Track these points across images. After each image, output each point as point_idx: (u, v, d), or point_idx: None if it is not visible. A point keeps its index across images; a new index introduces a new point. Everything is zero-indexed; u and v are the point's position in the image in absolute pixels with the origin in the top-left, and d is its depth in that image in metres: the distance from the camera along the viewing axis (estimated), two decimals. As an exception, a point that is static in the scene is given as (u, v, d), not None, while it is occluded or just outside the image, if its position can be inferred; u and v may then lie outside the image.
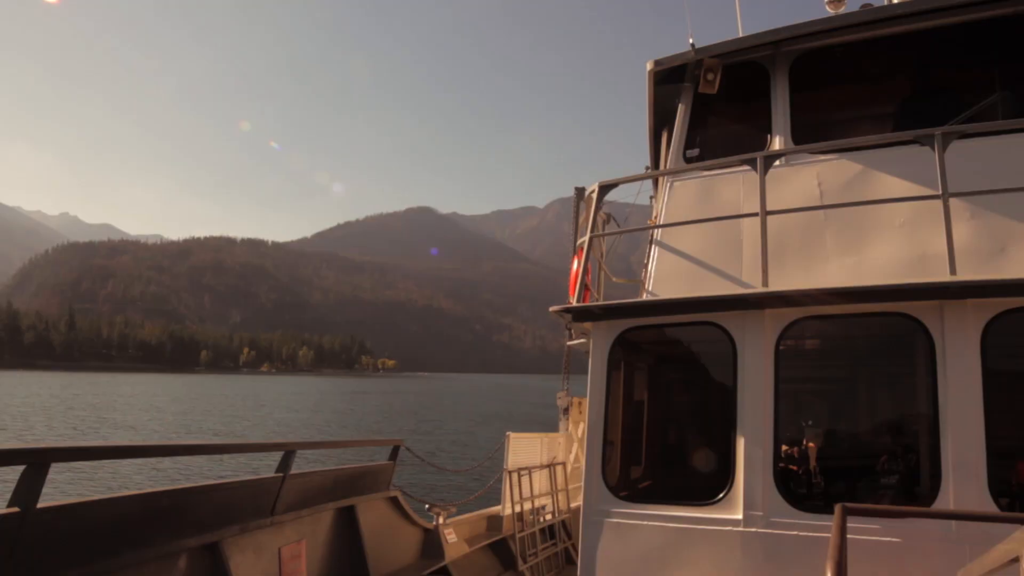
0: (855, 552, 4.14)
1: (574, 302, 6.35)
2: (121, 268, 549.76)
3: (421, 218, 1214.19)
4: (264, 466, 24.83)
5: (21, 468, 3.33)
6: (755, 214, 5.69)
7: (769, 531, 5.17)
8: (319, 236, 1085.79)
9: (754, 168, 5.79)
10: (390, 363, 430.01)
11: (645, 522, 5.58)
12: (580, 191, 11.39)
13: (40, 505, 3.39)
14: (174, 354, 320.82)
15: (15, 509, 3.27)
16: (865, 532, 4.81)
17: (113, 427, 46.60)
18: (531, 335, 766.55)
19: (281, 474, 5.80)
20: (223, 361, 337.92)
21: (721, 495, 5.41)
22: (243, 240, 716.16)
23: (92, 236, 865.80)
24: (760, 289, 5.48)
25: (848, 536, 3.43)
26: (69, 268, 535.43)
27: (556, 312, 6.25)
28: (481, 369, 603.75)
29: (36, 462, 3.35)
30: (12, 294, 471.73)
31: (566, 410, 13.29)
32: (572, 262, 7.13)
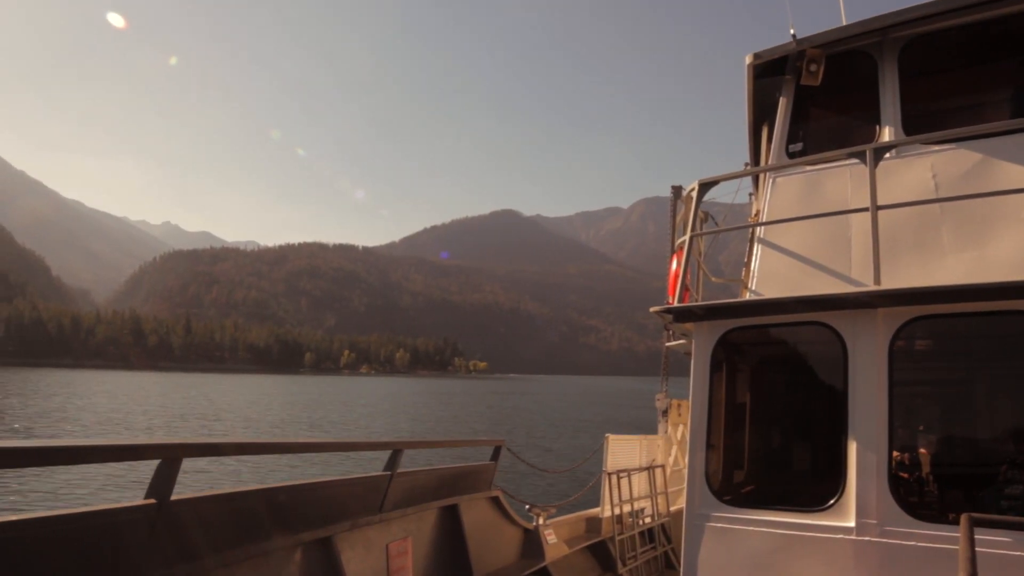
0: (981, 565, 3.80)
1: (674, 302, 6.20)
2: (223, 274, 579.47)
3: (505, 221, 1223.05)
4: (372, 464, 25.70)
5: (156, 462, 3.52)
6: (865, 209, 5.45)
7: (884, 540, 4.94)
8: (406, 240, 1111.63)
9: (863, 161, 5.53)
10: (481, 365, 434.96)
11: (750, 527, 5.42)
12: (677, 190, 11.15)
13: (173, 497, 3.58)
14: (280, 356, 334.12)
15: (152, 500, 3.47)
16: (990, 545, 4.52)
17: (239, 425, 49.39)
18: (617, 337, 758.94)
19: (389, 472, 5.92)
20: (324, 363, 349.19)
21: (832, 501, 5.19)
22: (335, 245, 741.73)
23: (192, 243, 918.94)
24: (872, 287, 5.23)
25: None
26: (176, 275, 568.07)
27: (657, 312, 6.13)
28: (568, 371, 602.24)
29: (170, 457, 3.54)
30: (124, 300, 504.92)
31: (665, 412, 13.07)
32: (671, 262, 7.07)
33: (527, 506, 8.97)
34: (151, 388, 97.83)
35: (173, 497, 3.59)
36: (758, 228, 6.41)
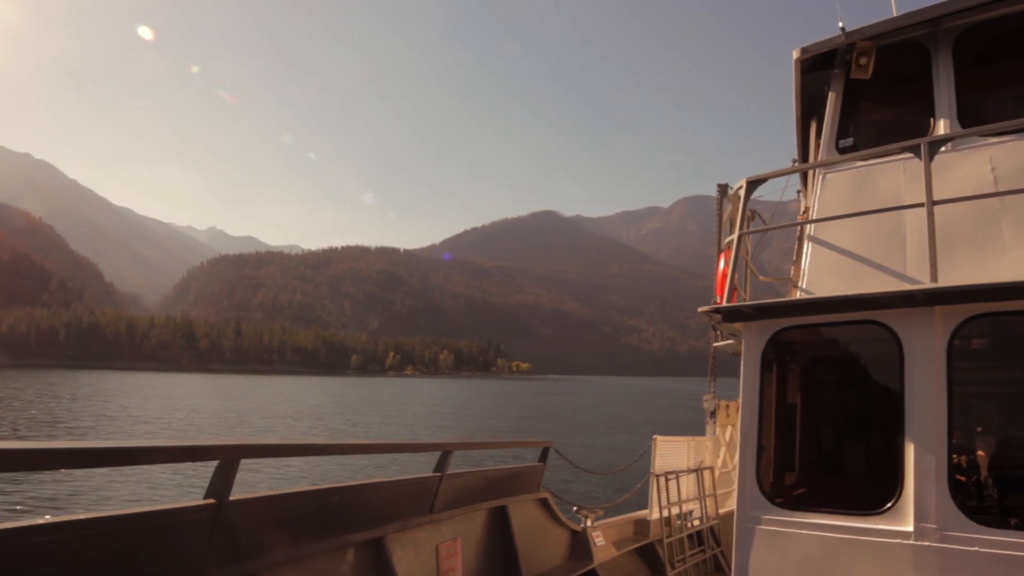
0: None
1: (723, 302, 6.13)
2: (269, 278, 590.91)
3: (545, 222, 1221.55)
4: (421, 465, 26.00)
5: (215, 463, 3.60)
6: (921, 204, 5.29)
7: (944, 546, 4.76)
8: (447, 243, 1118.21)
9: (917, 155, 5.38)
10: (524, 366, 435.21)
11: (803, 531, 5.27)
12: (723, 188, 10.98)
13: (232, 497, 3.66)
14: (327, 358, 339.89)
15: (211, 500, 3.55)
16: None
17: (297, 427, 50.26)
18: (659, 337, 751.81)
19: (439, 474, 5.90)
20: (370, 365, 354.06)
21: (888, 505, 5.03)
22: (377, 249, 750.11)
23: (237, 248, 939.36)
24: (929, 285, 5.05)
25: None
26: (223, 279, 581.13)
27: (705, 313, 6.05)
28: (611, 371, 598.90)
29: (228, 458, 3.62)
30: (174, 304, 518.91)
31: (713, 413, 12.89)
32: (717, 261, 6.88)
33: (575, 508, 8.93)
34: (207, 390, 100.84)
35: (231, 497, 3.66)
36: (808, 226, 6.24)
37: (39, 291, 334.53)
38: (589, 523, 8.87)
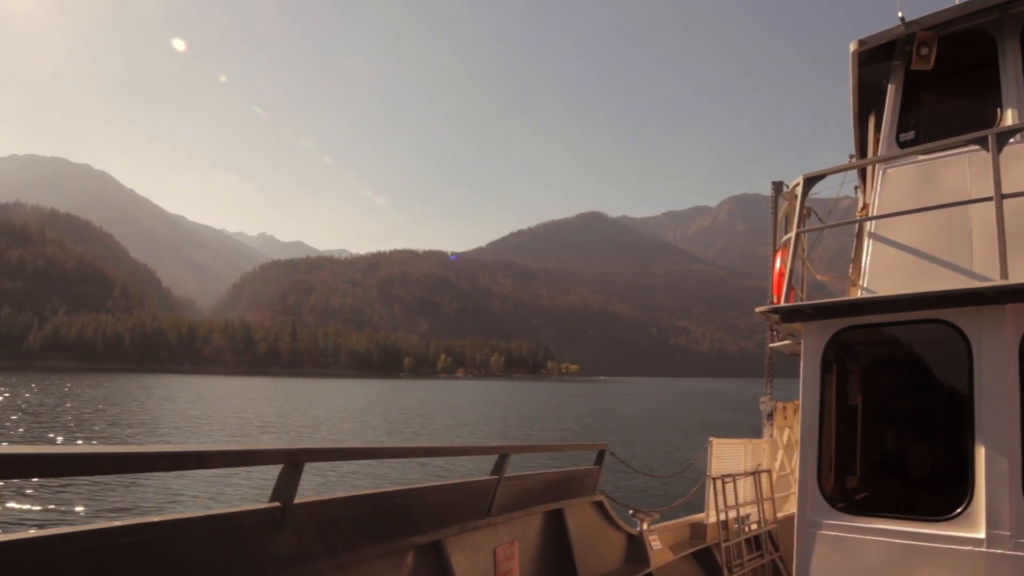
0: None
1: (780, 302, 6.03)
2: (320, 282, 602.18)
3: (592, 223, 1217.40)
4: (470, 467, 26.07)
5: (280, 467, 3.63)
6: (989, 198, 5.10)
7: (1019, 554, 4.56)
8: (493, 245, 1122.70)
9: (984, 147, 5.19)
10: (573, 368, 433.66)
11: (867, 536, 5.14)
12: (778, 186, 10.76)
13: (296, 500, 3.69)
14: (379, 361, 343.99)
15: (276, 504, 3.59)
16: None
17: (359, 429, 51.33)
18: (708, 338, 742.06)
19: (496, 476, 5.89)
20: (421, 367, 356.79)
21: (958, 510, 4.84)
22: (425, 252, 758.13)
23: (287, 253, 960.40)
24: (999, 282, 4.87)
25: None
26: (275, 284, 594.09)
27: (763, 313, 5.93)
28: (659, 373, 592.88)
29: (293, 462, 3.64)
30: (228, 309, 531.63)
31: (770, 415, 12.62)
32: (773, 260, 6.82)
33: (630, 511, 8.84)
34: (271, 393, 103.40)
35: (296, 500, 3.69)
36: (868, 223, 6.09)
37: (103, 297, 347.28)
38: (645, 526, 8.78)
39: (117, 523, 2.73)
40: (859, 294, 5.86)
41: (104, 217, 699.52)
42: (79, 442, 36.97)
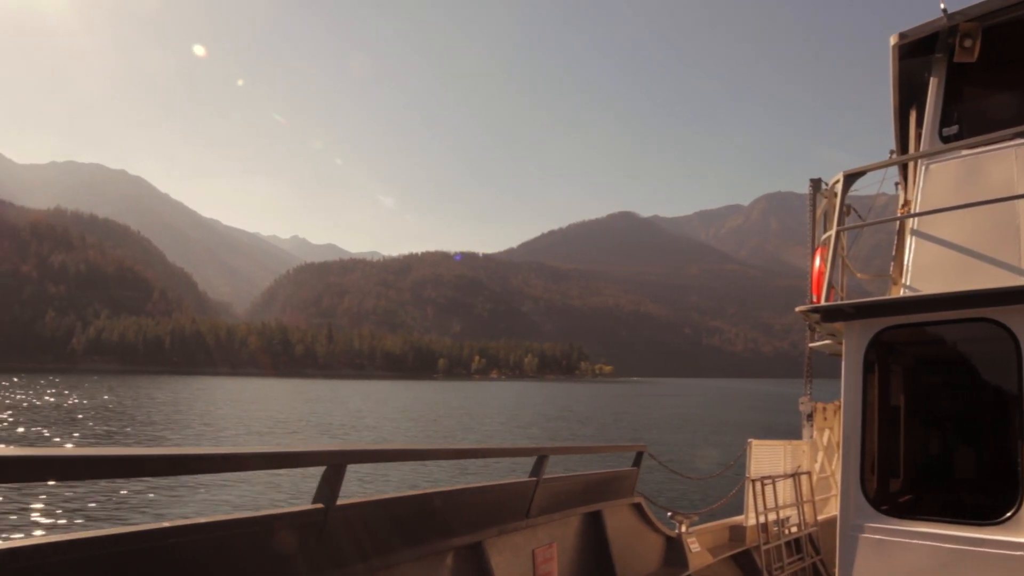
0: None
1: (821, 301, 5.92)
2: (353, 285, 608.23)
3: (623, 223, 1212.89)
4: (504, 468, 26.15)
5: (322, 468, 3.65)
6: None
7: None
8: (524, 246, 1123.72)
9: None
10: (607, 369, 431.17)
11: (912, 540, 5.01)
12: (816, 183, 10.60)
13: (339, 502, 3.71)
14: (414, 362, 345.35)
15: (319, 505, 3.60)
16: None
17: (401, 431, 51.93)
18: (742, 338, 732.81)
19: (535, 478, 5.86)
20: (456, 368, 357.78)
21: (1008, 514, 4.70)
22: (456, 254, 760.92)
23: (320, 256, 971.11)
24: None
25: None
26: (309, 287, 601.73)
27: (802, 312, 5.85)
28: (693, 374, 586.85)
29: (336, 463, 3.66)
30: (262, 312, 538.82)
31: (810, 416, 12.43)
32: (812, 259, 6.68)
33: (669, 513, 8.78)
34: (309, 394, 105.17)
35: (339, 502, 3.72)
36: (910, 220, 5.98)
37: (143, 301, 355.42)
38: (684, 528, 8.71)
39: (166, 524, 2.76)
40: (901, 292, 5.75)
41: (141, 222, 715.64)
42: (132, 444, 37.91)
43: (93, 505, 19.35)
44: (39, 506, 18.62)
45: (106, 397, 75.84)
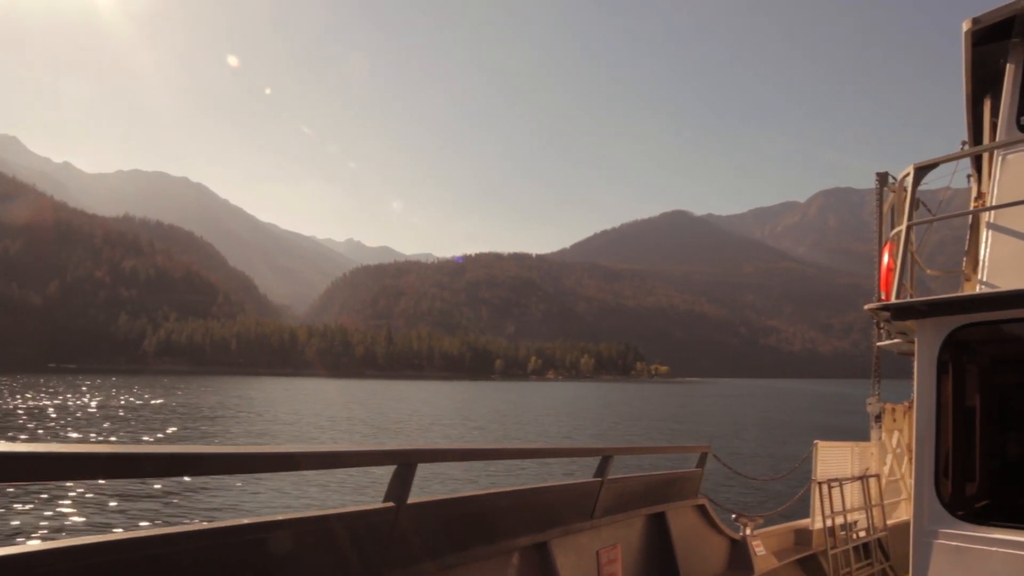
0: None
1: (891, 298, 5.70)
2: (409, 287, 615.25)
3: (676, 222, 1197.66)
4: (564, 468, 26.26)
5: (393, 467, 3.68)
6: None
7: None
8: (577, 246, 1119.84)
9: None
10: (663, 369, 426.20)
11: (991, 548, 4.79)
12: (883, 176, 10.31)
13: (409, 501, 3.73)
14: (471, 363, 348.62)
15: (390, 504, 3.63)
16: None
17: (470, 431, 53.13)
18: (800, 337, 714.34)
19: (600, 479, 5.85)
20: (512, 369, 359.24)
21: None
22: (510, 255, 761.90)
23: (374, 258, 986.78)
24: None
25: None
26: (366, 289, 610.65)
27: (872, 310, 5.68)
28: (749, 374, 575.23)
29: (406, 462, 3.68)
30: (320, 314, 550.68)
31: (878, 417, 12.11)
32: (881, 255, 6.49)
33: (733, 515, 8.73)
34: (374, 394, 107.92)
35: (409, 500, 3.73)
36: (985, 213, 5.75)
37: (208, 304, 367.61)
38: (748, 531, 8.66)
39: (245, 520, 2.83)
40: (977, 289, 5.52)
41: (203, 227, 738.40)
42: (208, 443, 39.40)
43: (165, 503, 20.11)
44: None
45: (215, 398, 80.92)
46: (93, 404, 61.93)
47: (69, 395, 73.78)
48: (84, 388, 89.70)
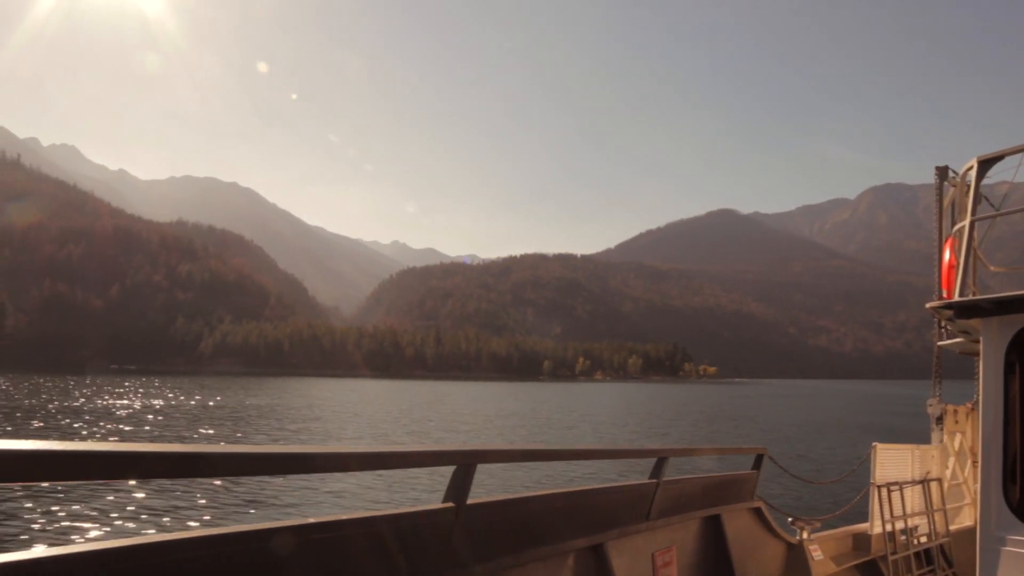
0: None
1: (954, 296, 5.53)
2: (455, 288, 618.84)
3: (722, 220, 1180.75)
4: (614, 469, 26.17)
5: (452, 468, 3.69)
6: None
7: None
8: (622, 246, 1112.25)
9: None
10: (711, 370, 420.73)
11: None
12: (943, 170, 10.03)
13: (469, 501, 3.73)
14: (519, 364, 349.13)
15: (450, 504, 3.63)
16: None
17: (527, 431, 53.39)
18: (851, 337, 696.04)
19: (655, 480, 5.83)
20: (560, 370, 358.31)
21: None
22: (555, 255, 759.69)
23: (419, 260, 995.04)
24: None
25: None
26: (412, 290, 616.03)
27: (933, 309, 5.56)
28: (799, 374, 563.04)
29: (465, 463, 3.69)
30: (368, 315, 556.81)
31: (939, 419, 11.81)
32: (942, 251, 6.35)
33: (789, 519, 8.64)
34: (427, 395, 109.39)
35: (469, 501, 3.74)
36: None
37: (261, 306, 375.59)
38: (805, 535, 8.55)
39: (312, 519, 2.89)
40: None
41: (253, 231, 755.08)
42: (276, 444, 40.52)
43: (230, 502, 20.70)
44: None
45: (284, 398, 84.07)
46: (200, 404, 65.22)
47: (176, 395, 77.24)
48: (167, 389, 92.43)
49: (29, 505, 18.20)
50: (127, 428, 41.37)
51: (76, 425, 41.17)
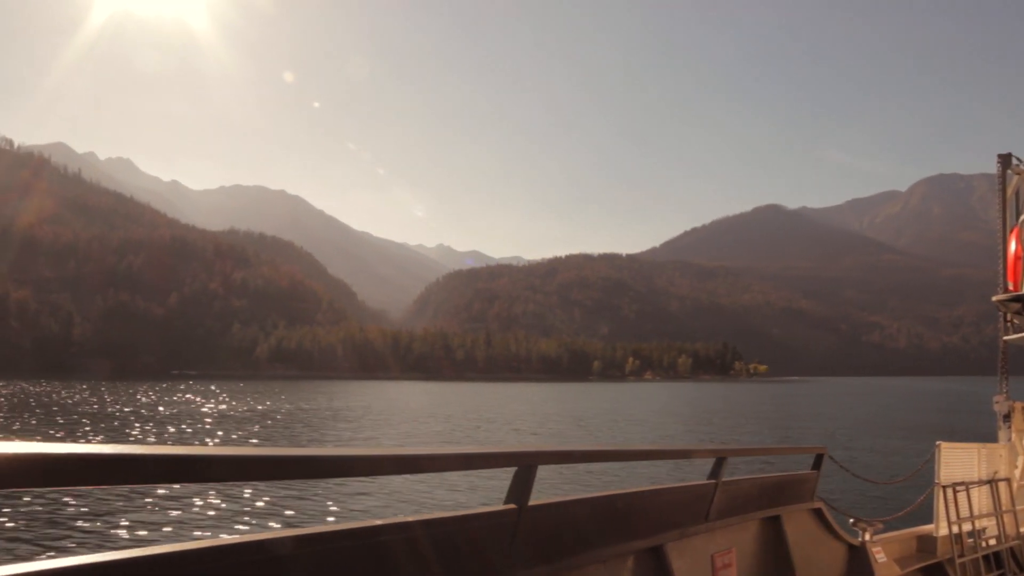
0: None
1: (1021, 288, 5.36)
2: (501, 290, 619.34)
3: (769, 216, 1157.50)
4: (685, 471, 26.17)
5: (514, 469, 3.70)
6: None
7: None
8: (667, 245, 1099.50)
9: None
10: (762, 368, 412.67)
11: None
12: (1006, 159, 9.60)
13: (531, 502, 3.74)
14: (569, 365, 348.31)
15: (512, 506, 3.64)
16: None
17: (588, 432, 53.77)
18: (905, 333, 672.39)
19: (714, 480, 5.78)
20: (609, 370, 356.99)
21: None
22: (600, 255, 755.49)
23: (464, 263, 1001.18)
24: None
25: None
26: (459, 293, 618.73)
27: (1000, 302, 5.23)
28: (852, 372, 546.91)
29: (526, 464, 3.69)
30: (415, 318, 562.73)
31: (1006, 416, 11.49)
32: (1007, 243, 6.14)
33: (851, 520, 8.51)
34: (484, 397, 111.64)
35: (530, 502, 3.76)
36: None
37: (313, 311, 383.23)
38: (868, 537, 8.40)
39: (379, 521, 2.90)
40: None
41: (303, 238, 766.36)
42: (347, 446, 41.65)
43: (291, 505, 21.26)
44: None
45: (358, 402, 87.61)
46: (271, 409, 68.10)
47: (258, 398, 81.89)
48: (229, 393, 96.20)
49: (28, 510, 18.31)
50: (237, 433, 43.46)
51: (171, 429, 43.98)
